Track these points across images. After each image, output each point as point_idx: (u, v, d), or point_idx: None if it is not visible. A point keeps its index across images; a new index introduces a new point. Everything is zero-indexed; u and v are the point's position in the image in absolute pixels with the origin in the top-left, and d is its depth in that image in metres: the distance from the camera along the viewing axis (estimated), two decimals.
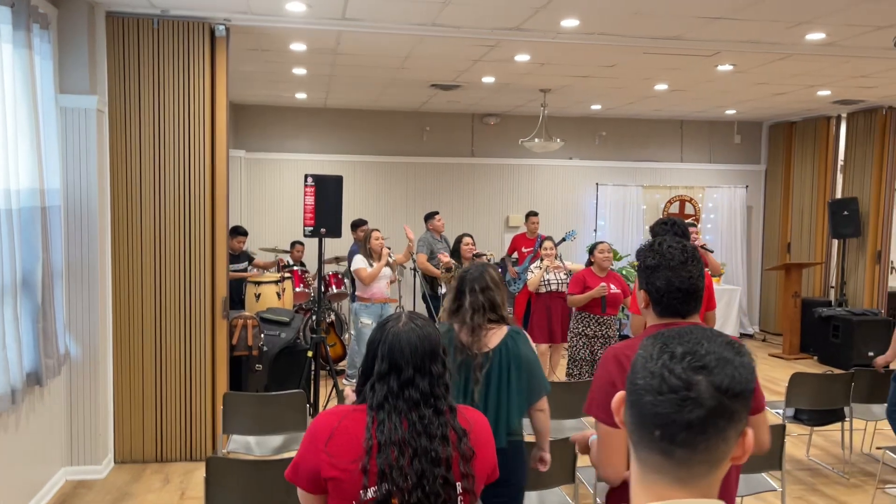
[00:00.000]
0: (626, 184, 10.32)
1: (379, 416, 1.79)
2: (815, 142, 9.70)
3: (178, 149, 5.01)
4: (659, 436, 0.94)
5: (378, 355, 1.84)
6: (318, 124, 9.67)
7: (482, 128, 10.05)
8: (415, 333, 1.85)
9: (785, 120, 10.14)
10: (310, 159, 9.55)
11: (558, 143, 8.04)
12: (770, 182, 10.60)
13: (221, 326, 5.20)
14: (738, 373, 0.95)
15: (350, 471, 1.75)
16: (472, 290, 2.89)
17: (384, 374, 1.82)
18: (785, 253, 10.19)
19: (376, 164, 9.79)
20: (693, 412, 0.92)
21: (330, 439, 1.78)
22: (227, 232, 5.22)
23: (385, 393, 1.80)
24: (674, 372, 0.94)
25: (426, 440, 1.76)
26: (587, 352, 5.81)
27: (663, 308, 2.07)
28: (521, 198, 10.18)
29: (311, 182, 5.72)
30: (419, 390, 1.80)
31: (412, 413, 1.79)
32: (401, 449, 1.75)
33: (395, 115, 9.78)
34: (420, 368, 1.82)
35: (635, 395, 0.97)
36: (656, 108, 9.32)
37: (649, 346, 1.00)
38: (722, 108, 9.18)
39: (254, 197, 9.51)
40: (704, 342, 0.97)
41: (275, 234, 9.38)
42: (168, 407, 5.09)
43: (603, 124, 10.25)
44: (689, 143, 10.58)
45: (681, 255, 2.04)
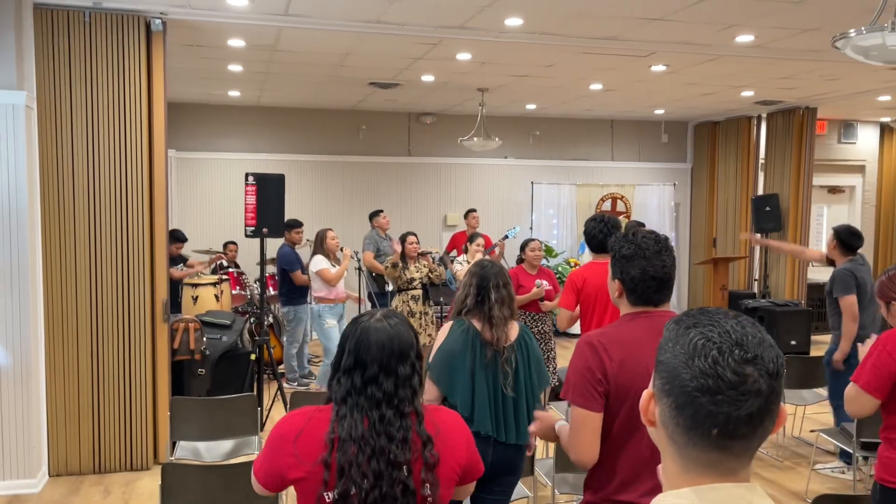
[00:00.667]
0: (560, 182, 10.52)
1: (341, 410, 1.77)
2: (737, 141, 10.12)
3: (113, 148, 4.82)
4: (717, 433, 0.92)
5: (345, 349, 1.82)
6: (250, 123, 9.47)
7: (419, 127, 10.06)
8: (385, 332, 1.81)
9: (709, 120, 10.55)
10: (243, 158, 9.34)
11: (497, 142, 8.13)
12: (696, 180, 11.00)
13: (162, 330, 5.04)
14: (778, 354, 0.95)
15: (315, 471, 1.73)
16: (497, 285, 2.93)
17: (349, 369, 1.80)
18: (711, 248, 10.60)
19: (311, 164, 9.67)
20: (753, 404, 0.91)
21: (297, 439, 1.76)
22: (166, 233, 5.06)
23: (348, 388, 1.78)
24: (728, 367, 0.92)
25: (385, 440, 1.73)
26: None
27: (637, 296, 2.13)
28: (459, 197, 10.24)
29: (253, 181, 5.61)
30: (382, 390, 1.77)
31: (373, 412, 1.75)
32: (360, 446, 1.73)
33: (331, 114, 9.68)
34: (385, 367, 1.79)
35: (685, 396, 0.94)
36: (588, 108, 9.54)
37: (683, 339, 0.96)
38: (651, 107, 9.47)
39: (184, 197, 9.24)
40: (740, 328, 0.95)
41: (207, 236, 9.13)
42: (106, 415, 4.89)
43: (537, 124, 10.42)
44: (620, 142, 10.87)
45: (655, 246, 2.11)
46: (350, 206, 9.81)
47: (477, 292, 2.96)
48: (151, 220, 4.96)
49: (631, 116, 10.41)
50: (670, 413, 0.96)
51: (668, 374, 0.96)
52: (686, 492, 0.94)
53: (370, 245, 8.11)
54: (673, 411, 0.96)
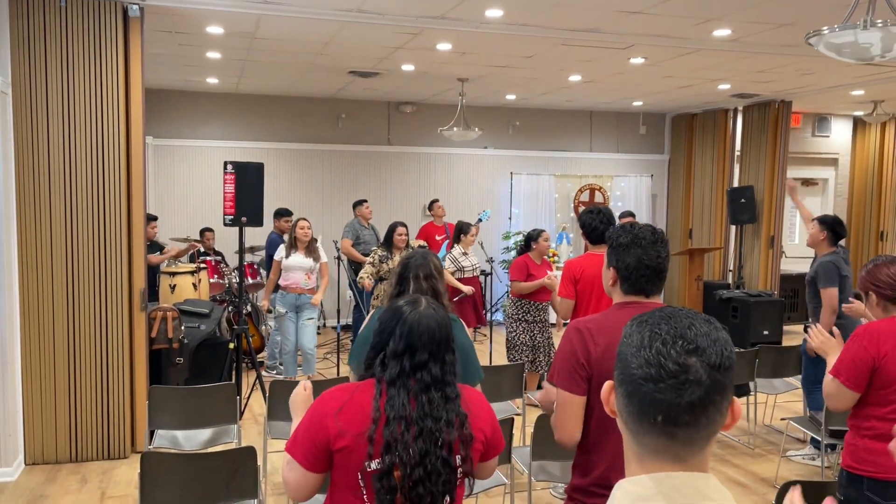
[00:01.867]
0: (539, 173, 10.57)
1: (390, 391, 1.84)
2: (714, 133, 10.23)
3: (90, 134, 4.77)
4: (661, 420, 0.96)
5: (396, 333, 1.90)
6: (229, 110, 9.39)
7: (398, 116, 10.04)
8: (434, 320, 1.92)
9: (686, 112, 10.64)
10: (221, 146, 9.27)
11: (476, 133, 8.15)
12: (673, 171, 11.11)
13: (140, 319, 5.01)
14: (724, 348, 0.99)
15: (360, 441, 1.80)
16: (417, 276, 2.88)
17: (400, 353, 1.88)
18: (687, 239, 10.73)
19: (290, 152, 9.62)
20: (694, 393, 0.95)
21: (341, 410, 1.83)
22: (144, 221, 5.03)
23: (398, 371, 1.86)
24: (670, 357, 0.96)
25: (431, 422, 1.83)
26: (527, 336, 6.04)
27: (630, 285, 2.18)
28: (438, 186, 10.25)
29: (231, 169, 5.58)
30: (431, 375, 1.87)
31: (422, 395, 1.85)
32: (407, 425, 1.81)
33: (310, 102, 9.63)
34: (435, 354, 1.89)
35: (633, 385, 0.99)
36: (568, 99, 9.59)
37: (636, 333, 1.02)
38: (629, 99, 9.54)
39: (161, 185, 9.16)
40: (688, 323, 1.00)
41: (184, 224, 9.07)
42: (83, 404, 4.86)
43: (517, 114, 10.45)
44: (598, 133, 10.94)
45: (651, 236, 2.17)
46: (329, 195, 9.78)
47: (397, 282, 2.95)
48: (129, 209, 4.93)
49: (610, 108, 10.48)
50: (623, 401, 1.01)
51: (621, 365, 1.02)
52: (644, 478, 0.99)
53: (349, 233, 8.13)
54: (624, 399, 1.01)
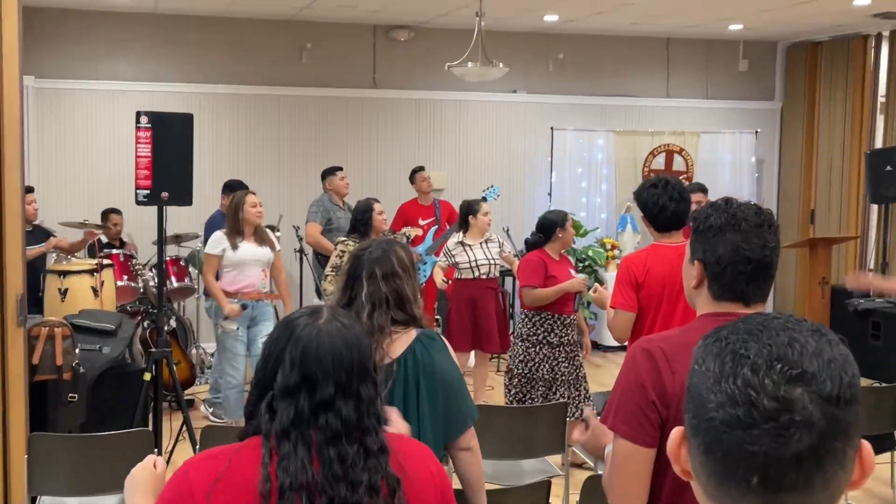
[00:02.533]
0: (593, 128, 10.59)
1: (282, 448, 1.81)
2: (847, 70, 10.20)
3: None
4: (758, 483, 0.95)
5: (285, 362, 1.85)
6: (145, 38, 9.46)
7: (389, 46, 10.07)
8: (341, 337, 1.88)
9: (808, 39, 10.62)
10: (134, 90, 9.33)
11: (501, 69, 8.17)
12: (788, 126, 11.09)
13: (16, 338, 5.06)
14: (843, 371, 0.97)
15: None
16: (372, 275, 2.89)
17: (293, 390, 1.84)
18: (808, 224, 10.71)
19: (231, 97, 9.71)
20: (802, 440, 0.93)
21: (214, 489, 1.80)
22: (21, 198, 5.07)
23: (292, 416, 1.82)
24: (764, 389, 0.94)
25: (346, 489, 1.80)
26: (546, 368, 5.98)
27: (722, 286, 2.19)
28: (446, 147, 10.29)
29: (147, 123, 5.61)
30: (341, 418, 1.83)
31: (328, 449, 1.81)
32: (310, 497, 1.78)
33: (261, 26, 9.68)
34: (345, 387, 1.85)
35: (711, 433, 0.97)
36: (633, 22, 9.58)
37: (711, 357, 1.00)
38: (725, 20, 9.51)
39: (46, 145, 9.22)
40: (787, 337, 0.98)
41: (79, 201, 9.12)
42: None
43: (560, 43, 10.46)
44: (679, 71, 10.93)
45: (755, 218, 2.19)
46: (289, 159, 9.84)
47: (346, 285, 2.97)
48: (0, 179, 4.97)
49: (696, 33, 10.45)
50: (700, 458, 1.00)
51: (695, 405, 1.01)
52: None
53: (316, 215, 8.17)
54: (701, 455, 1.00)
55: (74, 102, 9.29)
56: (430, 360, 2.90)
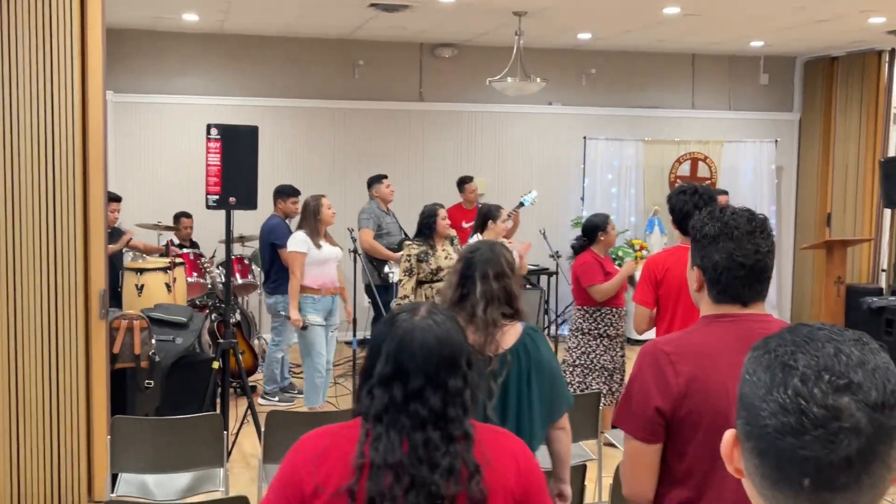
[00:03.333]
0: (623, 137, 10.54)
1: (375, 429, 1.87)
2: (862, 83, 10.08)
3: (36, 88, 4.89)
4: (810, 485, 0.96)
5: (382, 354, 1.92)
6: (212, 57, 9.56)
7: (434, 62, 10.10)
8: (432, 333, 1.92)
9: (824, 55, 10.50)
10: (201, 103, 9.43)
11: (538, 84, 8.17)
12: (805, 135, 10.97)
13: (99, 330, 5.15)
14: (888, 379, 0.97)
15: (339, 500, 1.83)
16: (485, 275, 2.95)
17: (388, 379, 1.89)
18: (824, 227, 10.58)
19: (290, 110, 9.77)
20: (851, 445, 0.94)
21: (317, 462, 1.87)
22: (104, 202, 5.16)
23: (386, 402, 1.88)
24: (813, 399, 0.95)
25: (427, 470, 1.84)
26: (608, 358, 6.07)
27: (720, 290, 2.20)
28: (486, 155, 10.29)
29: (216, 135, 5.69)
30: (428, 407, 1.87)
31: (415, 433, 1.86)
32: (397, 475, 1.83)
33: (318, 45, 9.74)
34: (433, 379, 1.89)
35: (765, 440, 0.98)
36: (661, 39, 9.52)
37: (761, 368, 1.01)
38: (746, 38, 9.43)
39: (123, 154, 9.34)
40: (833, 348, 0.99)
41: (153, 206, 9.22)
42: (28, 438, 5.01)
43: (592, 59, 10.42)
44: (703, 84, 10.85)
45: (747, 225, 2.18)
46: (342, 167, 9.88)
47: (460, 283, 3.02)
48: (85, 185, 5.05)
49: (719, 50, 10.37)
50: (753, 461, 1.01)
51: (748, 412, 1.02)
52: None
53: (369, 221, 8.18)
54: (755, 458, 1.01)
55: (149, 115, 9.41)
56: (538, 352, 3.01)
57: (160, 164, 9.47)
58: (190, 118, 9.37)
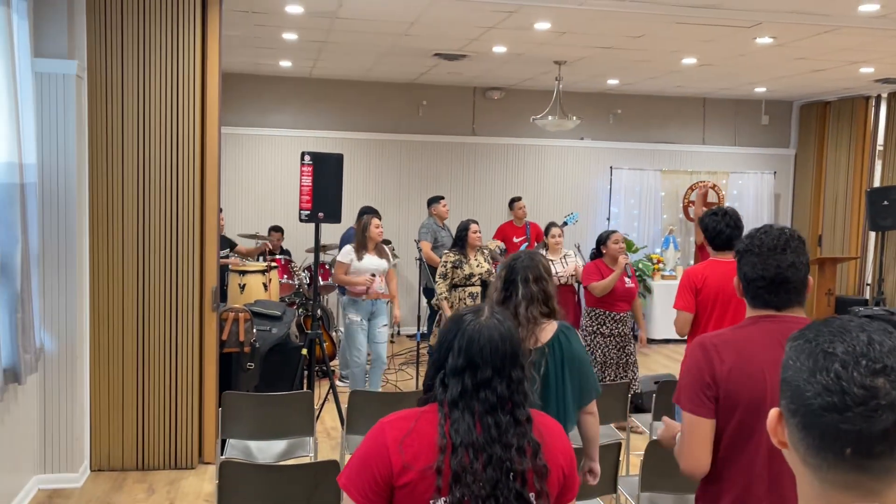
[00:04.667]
0: (643, 168, 10.45)
1: (453, 414, 1.85)
2: (851, 124, 9.88)
3: (164, 121, 5.02)
4: (852, 453, 0.96)
5: (455, 348, 1.90)
6: (301, 97, 9.68)
7: (485, 103, 10.12)
8: (497, 331, 1.90)
9: (818, 99, 10.32)
10: (292, 135, 9.57)
11: (574, 122, 8.14)
12: (800, 168, 10.78)
13: (211, 320, 5.24)
14: None
15: (426, 476, 1.79)
16: (525, 279, 2.96)
17: (460, 370, 1.88)
18: (816, 246, 10.38)
19: (366, 142, 9.83)
20: (888, 419, 0.94)
21: (405, 441, 1.83)
22: (217, 216, 5.25)
23: (459, 390, 1.86)
24: (853, 381, 0.95)
25: (500, 449, 1.82)
26: (599, 353, 5.99)
27: (752, 297, 2.22)
28: (528, 181, 10.27)
29: (309, 160, 5.76)
30: (496, 394, 1.86)
31: (487, 417, 1.84)
32: (475, 453, 1.80)
33: (389, 88, 9.82)
34: (499, 370, 1.87)
35: (811, 415, 0.98)
36: (678, 85, 9.45)
37: (804, 355, 1.01)
38: (751, 85, 9.32)
39: (228, 177, 9.50)
40: (866, 337, 0.99)
41: (252, 219, 9.39)
42: (151, 409, 5.12)
43: (618, 101, 10.36)
44: (713, 123, 10.73)
45: (772, 242, 2.17)
46: (407, 189, 9.94)
47: (504, 286, 3.02)
48: (202, 201, 5.16)
49: (727, 94, 10.26)
50: (798, 434, 1.01)
51: (792, 393, 1.02)
52: None
53: (427, 234, 8.25)
54: (800, 432, 1.00)
55: (249, 145, 9.55)
56: (570, 346, 3.00)
57: (258, 184, 9.60)
58: (283, 148, 9.52)
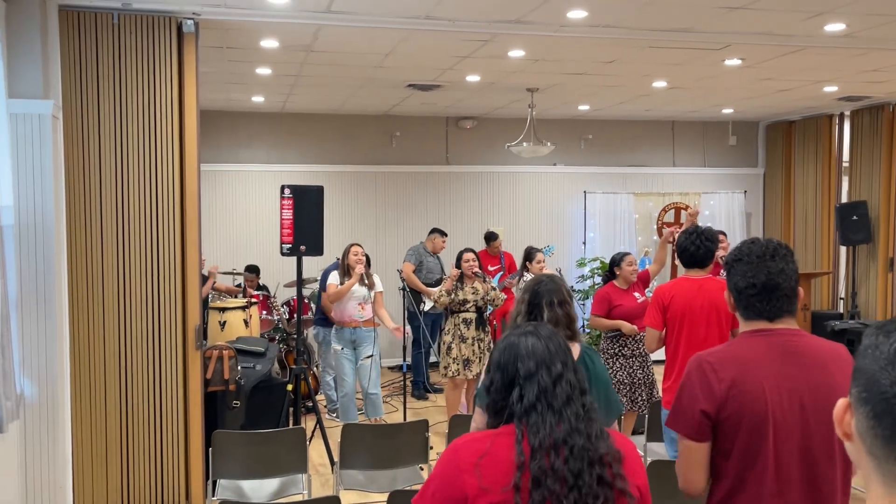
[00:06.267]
0: (616, 191, 10.55)
1: (531, 419, 1.86)
2: (816, 142, 10.07)
3: (143, 160, 4.96)
4: None
5: (521, 355, 1.94)
6: (274, 131, 9.66)
7: (457, 132, 10.18)
8: (548, 331, 2.03)
9: (783, 119, 10.52)
10: (267, 170, 9.52)
11: (549, 147, 8.20)
12: (769, 186, 10.95)
13: (195, 358, 5.15)
14: None
15: (505, 496, 1.79)
16: (551, 303, 2.96)
17: (532, 373, 1.91)
18: None
19: (341, 174, 9.82)
20: None
21: (480, 462, 1.83)
22: (199, 252, 5.19)
23: (537, 392, 1.89)
24: None
25: (582, 438, 1.85)
26: (625, 373, 5.99)
27: (744, 307, 2.21)
28: (502, 208, 10.31)
29: (289, 193, 5.74)
30: (570, 383, 1.92)
31: (567, 408, 1.88)
32: (556, 451, 1.82)
33: (362, 120, 9.83)
34: (566, 362, 1.95)
35: (885, 404, 0.98)
36: (647, 108, 9.58)
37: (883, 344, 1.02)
38: (718, 107, 9.48)
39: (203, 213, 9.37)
40: None
41: (228, 255, 9.28)
42: (135, 452, 5.00)
43: (589, 127, 10.47)
44: (682, 145, 10.89)
45: (760, 250, 2.19)
46: (384, 220, 9.93)
47: (528, 310, 3.02)
48: (183, 238, 5.09)
49: (695, 117, 10.42)
50: (867, 423, 1.01)
51: (866, 381, 1.02)
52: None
53: (411, 256, 8.27)
54: (870, 421, 1.00)
55: (223, 181, 9.48)
56: (595, 369, 3.02)
57: (233, 220, 9.53)
58: (256, 182, 9.48)
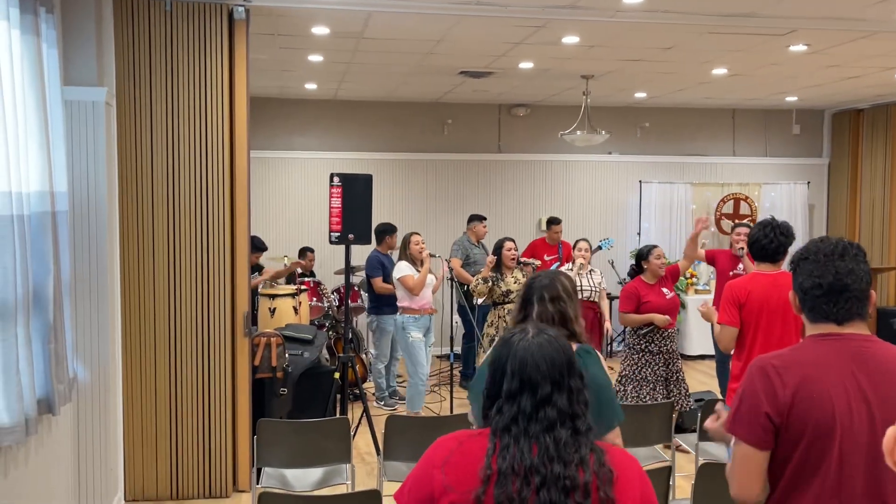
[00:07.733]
0: (673, 181, 10.32)
1: (503, 440, 1.79)
2: (886, 131, 9.70)
3: (194, 147, 5.00)
4: None
5: (507, 372, 1.84)
6: (326, 118, 9.68)
7: (510, 120, 10.06)
8: (551, 346, 1.85)
9: (851, 107, 10.14)
10: (318, 157, 9.56)
11: (603, 136, 8.04)
12: (834, 177, 10.60)
13: (243, 346, 5.19)
14: None
15: (466, 500, 1.76)
16: (542, 298, 2.80)
17: (514, 393, 1.82)
18: None
19: (392, 162, 9.81)
20: None
21: (447, 460, 1.81)
22: (248, 240, 5.22)
23: (514, 414, 1.80)
24: None
25: (559, 466, 1.75)
26: (649, 370, 5.82)
27: (809, 310, 2.11)
28: (555, 198, 10.18)
29: (338, 182, 5.72)
30: (557, 409, 1.80)
31: (545, 436, 1.78)
32: (525, 479, 1.74)
33: (413, 107, 9.79)
34: (559, 383, 1.82)
35: None
36: (707, 96, 9.33)
37: None
38: (781, 94, 9.18)
39: (255, 200, 9.46)
40: None
41: (280, 242, 9.34)
42: (184, 437, 5.07)
43: (646, 114, 10.26)
44: (743, 134, 10.59)
45: (828, 249, 2.09)
46: (434, 207, 9.89)
47: (521, 306, 2.88)
48: (233, 226, 5.12)
49: (756, 105, 10.12)
50: None
51: None
52: None
53: (458, 251, 8.17)
54: None
55: (276, 168, 9.56)
56: (593, 372, 2.74)
57: (285, 206, 9.60)
58: (308, 169, 9.52)
